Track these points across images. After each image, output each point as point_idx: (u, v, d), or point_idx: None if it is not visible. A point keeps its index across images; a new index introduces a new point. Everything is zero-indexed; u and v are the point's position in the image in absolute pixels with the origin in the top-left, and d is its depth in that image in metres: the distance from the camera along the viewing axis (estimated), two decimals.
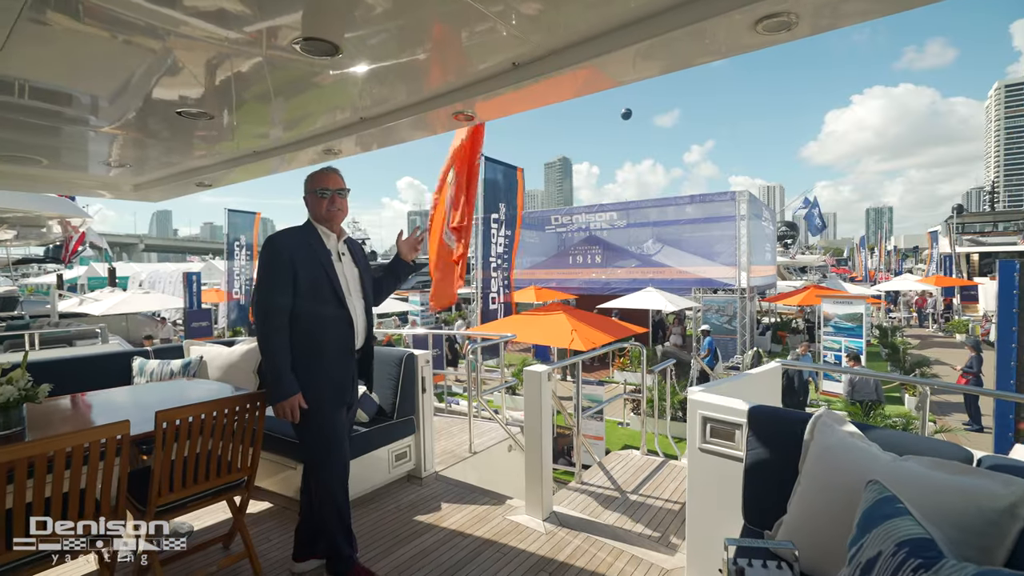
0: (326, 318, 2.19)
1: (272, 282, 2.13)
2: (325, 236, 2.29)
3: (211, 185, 3.55)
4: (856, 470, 1.41)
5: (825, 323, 12.22)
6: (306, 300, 2.15)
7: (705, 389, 2.28)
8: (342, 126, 2.54)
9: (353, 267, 2.35)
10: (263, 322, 2.12)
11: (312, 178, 2.29)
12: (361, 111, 2.34)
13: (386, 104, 2.25)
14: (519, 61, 1.78)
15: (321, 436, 2.22)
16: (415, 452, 3.41)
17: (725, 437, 2.08)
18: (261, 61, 1.80)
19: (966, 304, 25.87)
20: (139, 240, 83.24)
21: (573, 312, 8.51)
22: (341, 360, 2.24)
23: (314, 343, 2.17)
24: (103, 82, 1.95)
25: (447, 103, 2.11)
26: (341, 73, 1.91)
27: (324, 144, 2.69)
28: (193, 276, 15.71)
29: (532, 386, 2.82)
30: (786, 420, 1.82)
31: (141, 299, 14.53)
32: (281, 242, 2.18)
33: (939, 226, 35.84)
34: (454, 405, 9.51)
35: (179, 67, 1.85)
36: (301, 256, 2.16)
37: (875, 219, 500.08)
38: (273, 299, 2.11)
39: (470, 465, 3.81)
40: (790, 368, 9.94)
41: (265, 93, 2.14)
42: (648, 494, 3.21)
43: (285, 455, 3.01)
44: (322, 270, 2.19)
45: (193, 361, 3.68)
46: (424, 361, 3.40)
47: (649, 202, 17.11)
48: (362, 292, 2.36)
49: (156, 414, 1.88)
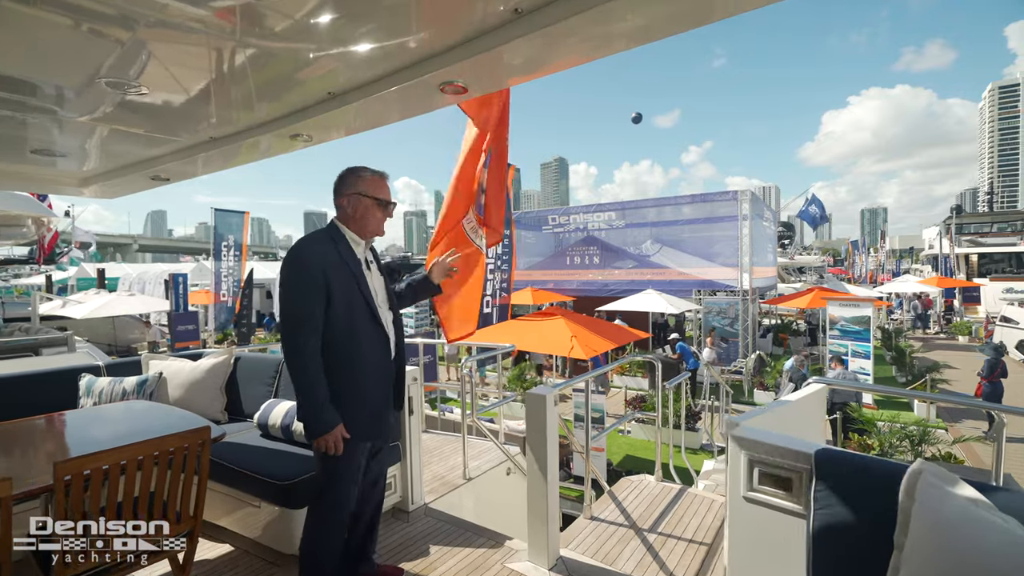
0: (363, 335, 1.96)
1: (304, 301, 1.86)
2: (355, 243, 2.04)
3: (169, 179, 3.12)
4: (1006, 567, 1.01)
5: (831, 326, 11.86)
6: (340, 317, 1.91)
7: (744, 420, 1.88)
8: (309, 104, 2.12)
9: (379, 275, 2.15)
10: (296, 348, 1.84)
11: (369, 183, 2.02)
12: (329, 84, 1.93)
13: (358, 74, 1.84)
14: (522, 6, 1.37)
15: (326, 468, 1.96)
16: (401, 483, 2.99)
17: (780, 486, 1.68)
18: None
19: (967, 306, 25.64)
20: (133, 240, 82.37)
21: (572, 316, 8.09)
22: (379, 383, 2.03)
23: (350, 364, 1.94)
24: (15, 52, 1.54)
25: (432, 70, 1.69)
26: (301, 35, 1.50)
27: (291, 127, 2.26)
28: (179, 277, 15.22)
29: (535, 411, 2.41)
30: (870, 472, 1.42)
31: (125, 302, 14.00)
32: (312, 253, 1.91)
33: (934, 227, 35.69)
34: (448, 413, 9.09)
35: (102, 29, 1.43)
36: (334, 268, 1.91)
37: (870, 220, 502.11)
38: (306, 321, 1.85)
39: (465, 494, 3.39)
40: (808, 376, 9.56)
41: (211, 64, 1.72)
42: (669, 532, 2.80)
43: (247, 491, 2.58)
44: (355, 283, 1.96)
45: (151, 378, 3.24)
46: (411, 379, 2.98)
47: (648, 202, 16.75)
48: (389, 303, 2.16)
49: (55, 467, 1.46)
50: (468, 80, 1.75)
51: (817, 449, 1.56)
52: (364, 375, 1.96)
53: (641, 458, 8.71)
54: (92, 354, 5.87)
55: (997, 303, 23.72)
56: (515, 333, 7.27)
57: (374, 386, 1.99)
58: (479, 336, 8.54)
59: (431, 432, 4.63)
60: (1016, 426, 9.38)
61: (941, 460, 7.00)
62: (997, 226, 35.43)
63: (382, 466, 2.27)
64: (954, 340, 20.61)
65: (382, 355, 2.03)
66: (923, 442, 7.21)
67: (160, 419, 2.27)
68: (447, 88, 1.77)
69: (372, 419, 1.99)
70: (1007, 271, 27.84)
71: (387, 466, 2.77)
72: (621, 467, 8.20)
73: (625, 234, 16.65)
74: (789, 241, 43.98)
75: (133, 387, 3.13)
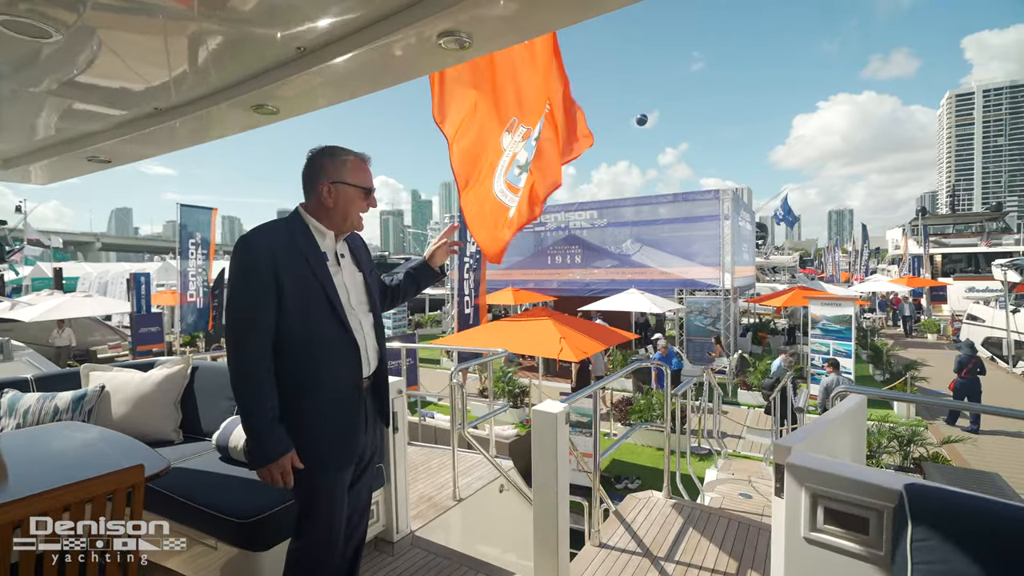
0: (323, 343, 1.64)
1: (249, 300, 1.57)
2: (319, 234, 1.71)
3: (110, 161, 2.68)
4: None
5: (813, 325, 11.89)
6: (295, 321, 1.60)
7: (790, 443, 1.59)
8: (274, 65, 1.74)
9: (356, 272, 1.81)
10: (238, 355, 1.56)
11: (349, 166, 1.68)
12: (298, 37, 1.56)
13: (334, 24, 1.48)
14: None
15: (303, 502, 1.67)
16: (384, 510, 2.62)
17: (853, 527, 1.39)
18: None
19: (934, 304, 26.46)
20: (96, 239, 78.92)
21: (560, 318, 7.80)
22: (346, 398, 1.68)
23: (308, 379, 1.62)
24: None
25: (427, 14, 1.35)
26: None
27: (252, 95, 1.89)
28: (141, 277, 14.42)
29: (544, 431, 2.08)
30: (981, 514, 1.14)
31: (81, 303, 13.11)
32: (259, 244, 1.59)
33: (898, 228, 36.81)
34: (428, 419, 8.69)
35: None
36: (286, 262, 1.59)
37: (837, 221, 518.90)
38: (251, 324, 1.55)
39: (455, 518, 3.04)
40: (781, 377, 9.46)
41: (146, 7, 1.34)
42: (688, 560, 2.50)
43: (201, 529, 2.18)
44: (314, 280, 1.63)
45: (90, 394, 2.80)
46: (396, 391, 2.61)
47: (630, 200, 16.66)
48: (368, 303, 1.81)
49: None
50: (472, 29, 1.41)
51: (907, 484, 1.28)
52: (325, 392, 1.63)
53: (628, 462, 8.48)
54: (33, 362, 5.29)
55: (961, 302, 24.62)
56: (501, 335, 6.93)
57: (339, 405, 1.66)
58: (466, 340, 8.18)
59: (414, 444, 4.25)
60: (993, 419, 9.54)
61: (930, 461, 6.96)
62: (957, 227, 36.82)
63: (370, 491, 1.95)
64: (923, 338, 21.15)
65: (350, 367, 1.69)
66: (912, 442, 7.17)
67: (84, 451, 1.85)
68: (447, 37, 1.42)
69: (337, 444, 1.66)
70: (968, 271, 28.97)
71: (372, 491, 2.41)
72: (609, 472, 7.95)
73: (608, 233, 16.50)
74: (763, 241, 44.94)
75: (67, 404, 2.68)
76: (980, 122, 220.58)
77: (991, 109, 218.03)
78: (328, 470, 1.65)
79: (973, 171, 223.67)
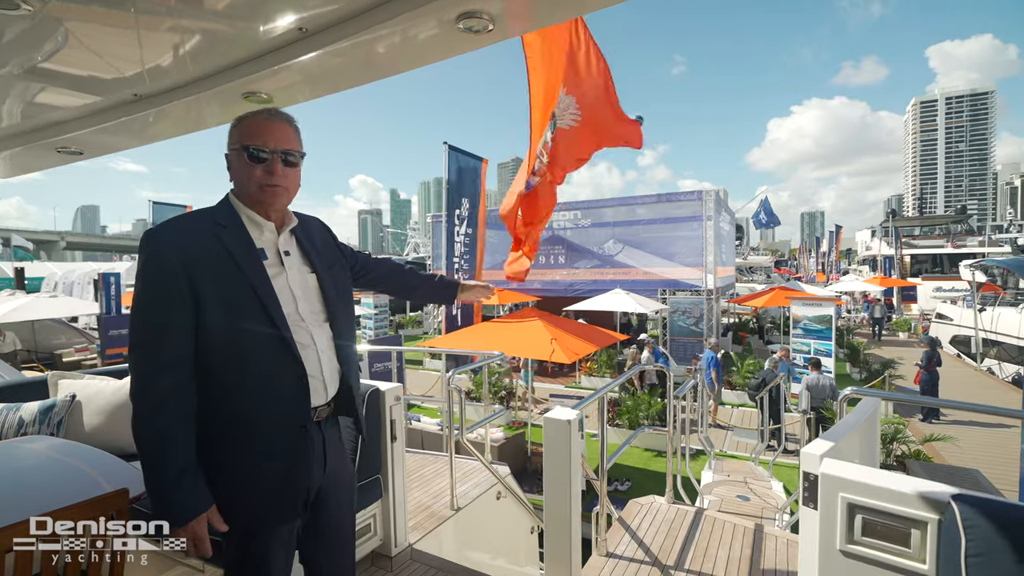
0: (257, 368, 1.25)
1: (154, 314, 1.20)
2: (255, 226, 1.35)
3: (82, 152, 2.48)
4: None
5: (794, 325, 12.08)
6: (218, 339, 1.23)
7: (817, 451, 1.53)
8: (270, 48, 1.60)
9: (307, 273, 1.41)
10: (139, 389, 1.18)
11: (241, 126, 1.32)
12: (298, 16, 1.43)
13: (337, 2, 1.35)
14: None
15: (232, 570, 1.33)
16: (381, 523, 2.49)
17: (894, 540, 1.33)
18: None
19: (905, 304, 27.33)
20: (60, 237, 75.96)
21: (550, 319, 7.73)
22: (285, 436, 1.29)
23: (236, 415, 1.25)
24: None
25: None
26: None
27: (243, 80, 1.74)
28: (111, 277, 13.83)
29: (556, 439, 1.98)
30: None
31: (45, 304, 12.54)
32: (168, 242, 1.23)
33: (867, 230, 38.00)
34: (415, 422, 8.52)
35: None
36: (206, 264, 1.23)
37: (809, 223, 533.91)
38: (155, 346, 1.19)
39: (453, 528, 2.92)
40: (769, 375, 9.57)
41: None
42: (698, 568, 2.44)
43: (184, 550, 2.02)
44: (244, 284, 1.26)
45: (59, 404, 2.59)
46: (394, 398, 2.49)
47: (613, 201, 16.73)
48: (324, 312, 1.41)
49: None
50: (496, 11, 1.30)
51: (955, 495, 1.22)
52: (256, 422, 1.26)
53: (617, 463, 8.45)
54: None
55: (929, 301, 25.52)
56: (491, 336, 6.83)
57: (280, 443, 1.28)
58: (456, 342, 8.03)
59: (406, 451, 4.11)
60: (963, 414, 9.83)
61: (913, 458, 7.10)
62: (923, 229, 38.20)
63: (342, 511, 1.49)
64: (895, 336, 21.77)
65: (294, 397, 1.30)
66: (895, 440, 7.31)
67: (60, 470, 1.67)
68: (467, 18, 1.31)
69: (276, 492, 1.28)
70: (934, 271, 30.08)
71: (358, 509, 2.27)
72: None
73: (591, 233, 16.54)
74: (740, 242, 45.80)
75: (34, 416, 2.47)
76: (943, 128, 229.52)
77: (953, 116, 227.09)
78: (265, 526, 1.30)
79: (936, 175, 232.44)
